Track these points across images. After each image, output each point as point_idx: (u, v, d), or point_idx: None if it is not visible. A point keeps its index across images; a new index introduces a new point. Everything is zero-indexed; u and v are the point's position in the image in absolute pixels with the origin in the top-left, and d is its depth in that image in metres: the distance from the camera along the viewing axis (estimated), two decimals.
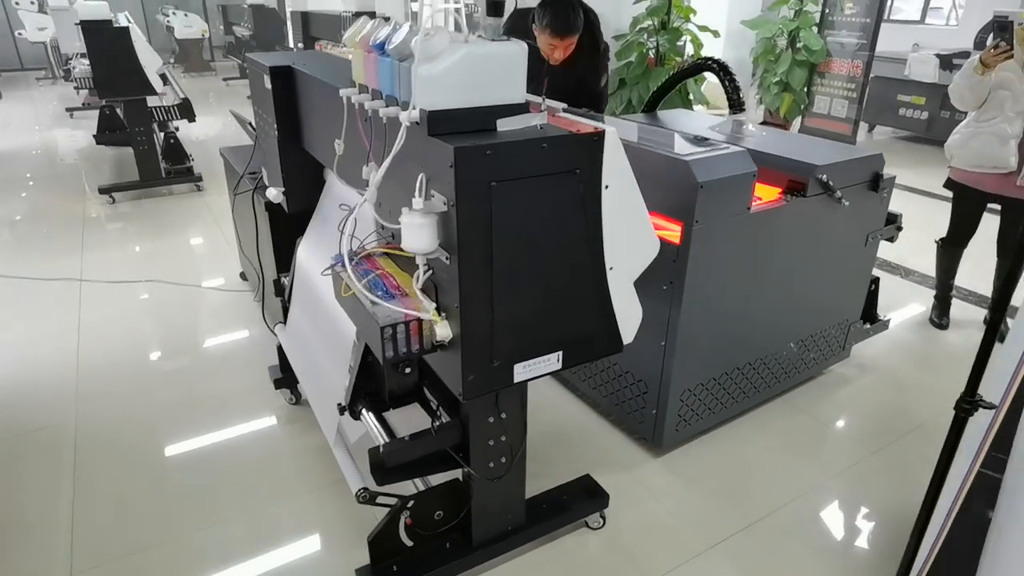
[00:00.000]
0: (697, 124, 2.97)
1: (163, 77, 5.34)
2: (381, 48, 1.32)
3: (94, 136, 5.55)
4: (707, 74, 3.04)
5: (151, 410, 2.84)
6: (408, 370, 1.80)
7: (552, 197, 1.31)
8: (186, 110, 5.55)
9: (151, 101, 5.34)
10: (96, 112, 8.58)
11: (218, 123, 8.25)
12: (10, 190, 5.81)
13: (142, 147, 5.37)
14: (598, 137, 1.31)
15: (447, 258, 1.30)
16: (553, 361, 1.48)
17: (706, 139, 2.40)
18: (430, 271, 1.36)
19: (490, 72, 1.25)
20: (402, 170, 1.37)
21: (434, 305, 1.38)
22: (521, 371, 1.44)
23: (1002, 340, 1.41)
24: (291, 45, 10.44)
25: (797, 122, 7.17)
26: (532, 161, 1.26)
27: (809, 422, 2.80)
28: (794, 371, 2.89)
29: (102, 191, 5.40)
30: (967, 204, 3.36)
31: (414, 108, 1.23)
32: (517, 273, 1.34)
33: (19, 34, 10.23)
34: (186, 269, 4.20)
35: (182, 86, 6.43)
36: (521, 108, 1.30)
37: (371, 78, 1.43)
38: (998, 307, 1.41)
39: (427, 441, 1.79)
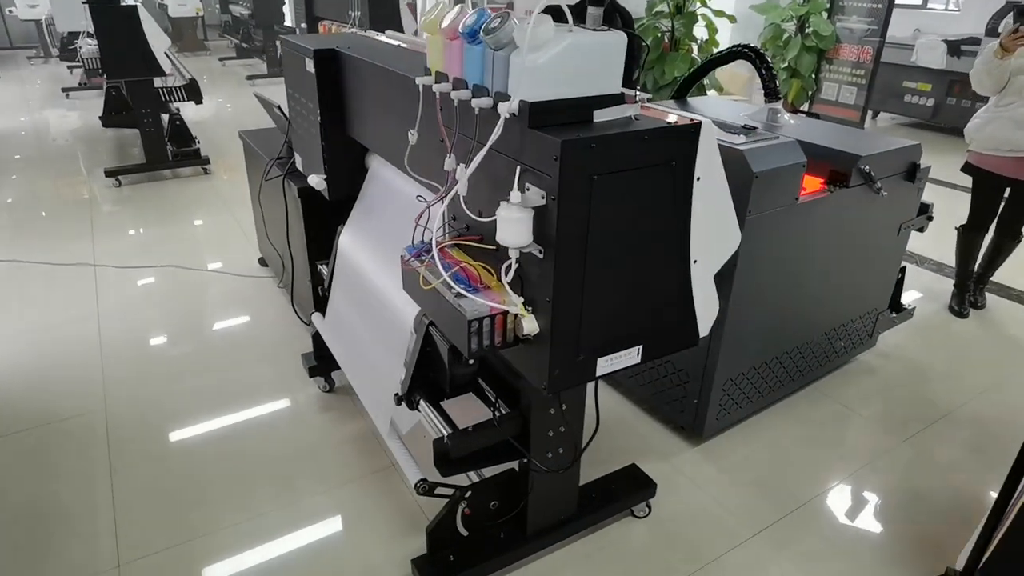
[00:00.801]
0: (729, 112, 2.95)
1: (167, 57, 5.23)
2: (472, 35, 1.29)
3: (100, 117, 5.43)
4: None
5: (181, 397, 2.81)
6: (471, 361, 1.79)
7: (647, 190, 1.30)
8: (193, 91, 5.45)
9: (157, 82, 5.23)
10: (93, 92, 8.44)
11: (215, 105, 8.12)
12: (11, 171, 5.70)
13: (149, 129, 5.27)
14: (695, 129, 1.29)
15: (540, 252, 1.29)
16: (633, 355, 1.47)
17: (753, 128, 2.38)
18: (518, 264, 1.34)
19: (591, 62, 1.23)
20: (485, 161, 1.35)
21: (521, 299, 1.36)
22: (604, 365, 1.43)
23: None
24: (290, 24, 10.25)
25: (804, 109, 7.17)
26: (632, 153, 1.24)
27: (840, 410, 2.83)
28: (825, 360, 2.91)
29: (108, 174, 5.30)
30: (985, 189, 3.41)
31: (513, 99, 1.21)
32: (609, 267, 1.33)
33: (9, 11, 9.97)
34: (201, 254, 4.14)
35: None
36: (617, 99, 1.28)
37: (454, 66, 1.40)
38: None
39: (490, 432, 1.79)
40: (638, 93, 1.30)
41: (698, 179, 1.35)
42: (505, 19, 1.21)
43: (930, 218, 2.99)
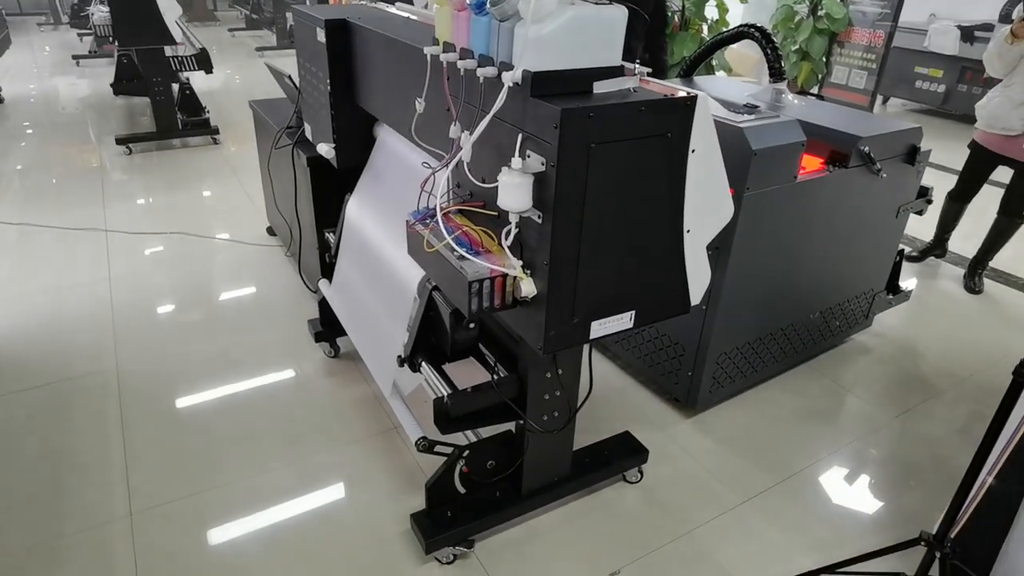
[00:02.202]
0: (735, 91, 2.98)
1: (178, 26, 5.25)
2: (480, 7, 1.33)
3: (111, 85, 5.47)
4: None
5: (189, 359, 2.89)
6: (472, 325, 1.86)
7: (643, 159, 1.35)
8: (203, 61, 5.48)
9: (168, 51, 5.26)
10: (104, 60, 8.45)
11: (224, 75, 8.13)
12: (24, 137, 5.76)
13: (159, 98, 5.32)
14: (691, 102, 1.34)
15: (539, 217, 1.35)
16: (626, 320, 1.53)
17: (756, 107, 2.42)
18: (518, 229, 1.40)
19: (592, 35, 1.27)
20: (491, 130, 1.40)
21: (520, 262, 1.42)
22: (597, 328, 1.50)
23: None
24: None
25: (813, 92, 7.15)
26: (629, 124, 1.29)
27: (833, 387, 2.89)
28: (820, 338, 2.97)
29: (119, 141, 5.36)
30: (973, 161, 3.66)
31: (517, 69, 1.26)
32: (604, 233, 1.38)
33: None
34: (210, 222, 4.21)
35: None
36: (617, 71, 1.32)
37: (461, 37, 1.45)
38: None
39: (488, 393, 1.86)
40: (637, 66, 1.35)
41: (693, 151, 1.40)
42: None
43: (929, 201, 3.03)
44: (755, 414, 2.70)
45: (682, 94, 1.34)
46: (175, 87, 5.51)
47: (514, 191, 1.30)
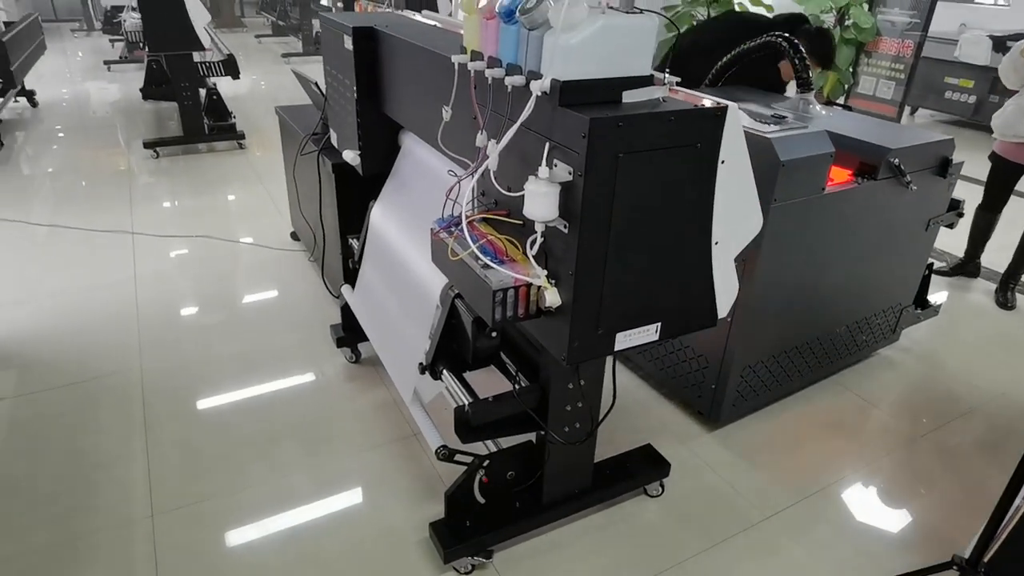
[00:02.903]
0: (761, 101, 2.95)
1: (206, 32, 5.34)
2: (508, 15, 1.33)
3: (140, 90, 5.57)
4: None
5: (212, 361, 2.92)
6: (494, 334, 1.85)
7: (672, 170, 1.33)
8: (230, 67, 5.56)
9: (196, 56, 5.35)
10: (133, 65, 8.61)
11: (250, 81, 8.24)
12: (55, 140, 5.88)
13: (187, 103, 5.40)
14: (720, 112, 1.32)
15: (565, 227, 1.33)
16: (651, 332, 1.51)
17: (783, 117, 2.40)
18: (543, 239, 1.39)
19: (622, 44, 1.26)
20: (518, 138, 1.39)
21: (545, 272, 1.41)
22: (622, 340, 1.48)
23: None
24: (326, 3, 10.32)
25: (839, 102, 7.06)
26: (658, 134, 1.28)
27: (859, 403, 2.84)
28: (846, 352, 2.92)
29: (147, 145, 5.45)
30: (995, 171, 3.68)
31: (546, 78, 1.25)
32: (631, 244, 1.37)
33: None
34: (235, 226, 4.26)
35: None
36: (646, 80, 1.31)
37: (489, 45, 1.45)
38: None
39: (510, 403, 1.85)
40: (667, 76, 1.34)
41: (722, 162, 1.38)
42: (540, 0, 1.25)
43: (960, 214, 2.97)
44: (779, 428, 2.66)
45: (712, 104, 1.32)
46: (202, 92, 5.59)
47: (540, 200, 1.29)
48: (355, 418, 2.62)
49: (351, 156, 2.46)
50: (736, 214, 1.47)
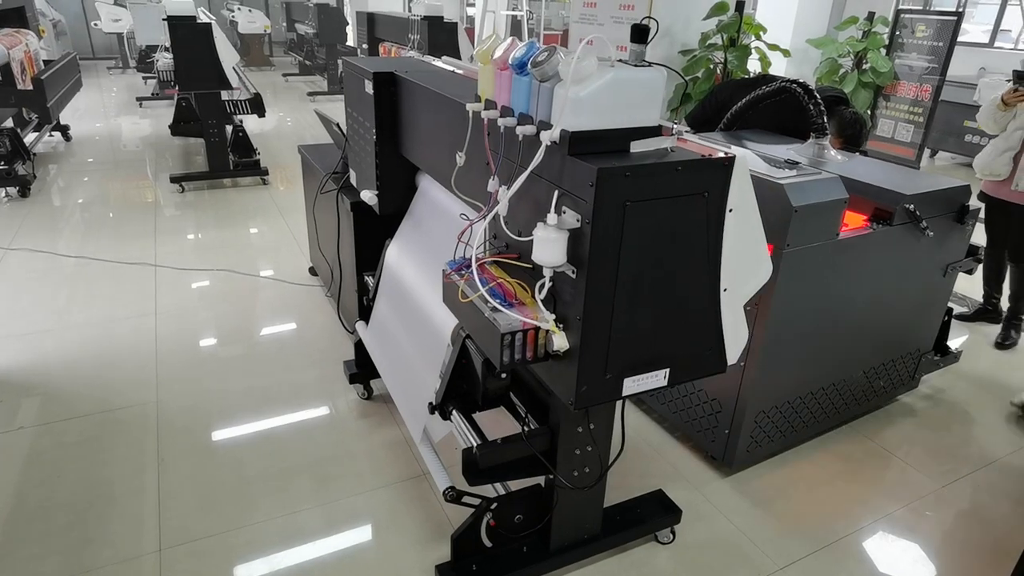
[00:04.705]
0: (776, 146, 2.98)
1: (235, 72, 5.52)
2: (521, 67, 1.37)
3: (169, 127, 5.75)
4: None
5: (228, 396, 2.95)
6: (504, 375, 1.86)
7: (680, 218, 1.35)
8: (256, 105, 5.72)
9: (224, 95, 5.52)
10: (164, 102, 8.89)
11: (277, 119, 8.46)
12: (86, 173, 6.06)
13: (214, 139, 5.55)
14: (728, 162, 1.34)
15: (573, 272, 1.35)
16: (660, 378, 1.51)
17: (797, 163, 2.41)
18: (551, 283, 1.40)
19: (631, 95, 1.29)
20: (527, 184, 1.42)
21: (553, 316, 1.42)
22: (630, 385, 1.48)
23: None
24: (351, 44, 10.64)
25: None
26: (665, 183, 1.30)
27: (878, 451, 2.78)
28: (863, 399, 2.87)
29: (173, 180, 5.59)
30: (987, 209, 3.71)
31: (555, 128, 1.28)
32: (639, 290, 1.38)
33: (95, 24, 10.64)
34: (255, 260, 4.33)
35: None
36: (654, 131, 1.34)
37: (502, 95, 1.49)
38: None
39: (518, 445, 1.84)
40: (675, 126, 1.36)
41: (730, 210, 1.39)
42: (552, 53, 1.29)
43: (979, 260, 2.94)
44: (795, 476, 2.61)
45: (720, 154, 1.34)
46: (229, 129, 5.76)
47: (549, 246, 1.31)
48: (366, 456, 2.62)
49: (368, 196, 2.51)
50: (745, 261, 1.48)
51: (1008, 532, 2.40)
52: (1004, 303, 3.93)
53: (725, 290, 1.48)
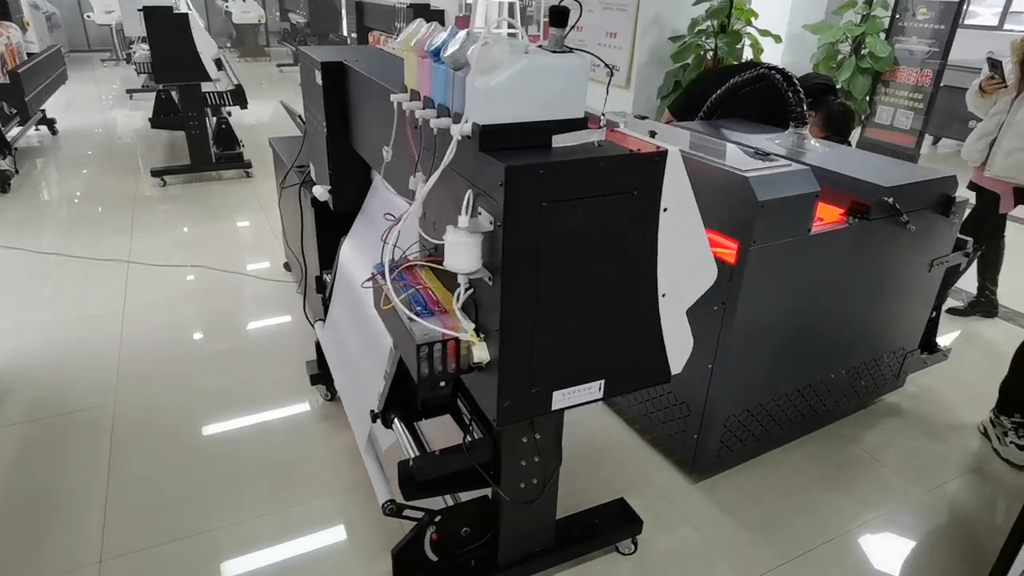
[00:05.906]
0: (755, 136, 2.85)
1: (218, 62, 5.41)
2: (436, 55, 1.26)
3: (149, 119, 5.66)
4: None
5: (188, 397, 2.86)
6: (443, 383, 1.75)
7: (606, 219, 1.23)
8: (239, 96, 5.62)
9: (205, 86, 5.41)
10: (154, 94, 8.81)
11: (269, 110, 8.35)
12: (70, 167, 5.98)
13: (194, 132, 5.46)
14: (659, 157, 1.23)
15: (490, 279, 1.24)
16: (594, 390, 1.40)
17: (768, 154, 2.28)
18: (471, 290, 1.30)
19: (550, 86, 1.18)
20: (451, 183, 1.31)
21: (473, 326, 1.32)
22: (560, 399, 1.37)
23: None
24: (345, 34, 10.51)
25: (856, 133, 6.89)
26: (587, 181, 1.19)
27: (858, 454, 2.67)
28: (844, 400, 2.75)
29: (154, 173, 5.51)
30: (976, 197, 3.62)
31: (466, 121, 1.17)
32: (564, 297, 1.27)
33: (88, 16, 10.55)
34: (231, 256, 4.24)
35: (237, 71, 6.51)
36: (579, 124, 1.22)
37: (424, 85, 1.38)
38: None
39: (458, 458, 1.74)
40: (603, 117, 1.25)
41: (665, 210, 1.28)
42: (463, 39, 1.18)
43: (967, 255, 2.81)
44: (769, 482, 2.50)
45: (650, 149, 1.22)
46: (213, 120, 5.66)
47: (460, 251, 1.20)
48: (325, 460, 2.53)
49: (320, 191, 2.41)
50: (685, 265, 1.36)
51: (991, 539, 2.27)
52: (1000, 296, 3.79)
53: (664, 295, 1.36)
